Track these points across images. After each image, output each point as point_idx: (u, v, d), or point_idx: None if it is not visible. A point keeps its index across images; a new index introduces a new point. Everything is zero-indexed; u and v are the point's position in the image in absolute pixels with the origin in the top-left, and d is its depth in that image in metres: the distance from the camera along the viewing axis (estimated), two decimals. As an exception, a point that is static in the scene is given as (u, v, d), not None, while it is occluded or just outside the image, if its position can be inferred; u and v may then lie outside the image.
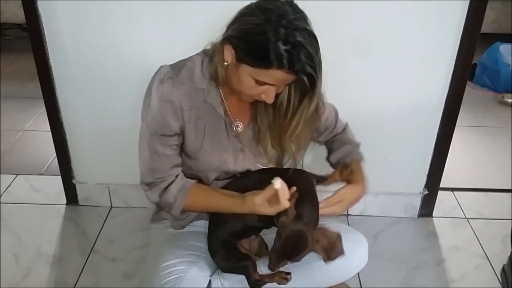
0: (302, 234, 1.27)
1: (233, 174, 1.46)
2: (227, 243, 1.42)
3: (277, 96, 1.29)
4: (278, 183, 1.23)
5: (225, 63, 1.25)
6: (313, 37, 1.17)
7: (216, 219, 1.45)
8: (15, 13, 4.14)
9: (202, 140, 1.38)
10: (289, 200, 1.26)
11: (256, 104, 1.39)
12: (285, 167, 1.50)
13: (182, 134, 1.37)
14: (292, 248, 1.28)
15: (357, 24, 1.79)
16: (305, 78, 1.18)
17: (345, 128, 1.65)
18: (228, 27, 1.22)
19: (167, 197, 1.38)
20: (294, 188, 1.31)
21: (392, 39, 1.83)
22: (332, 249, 1.32)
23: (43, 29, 1.85)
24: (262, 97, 1.27)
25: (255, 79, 1.21)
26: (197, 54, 1.38)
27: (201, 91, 1.34)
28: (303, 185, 1.37)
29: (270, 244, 1.53)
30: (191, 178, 1.44)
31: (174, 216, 1.46)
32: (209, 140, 1.39)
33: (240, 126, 1.43)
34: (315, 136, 1.54)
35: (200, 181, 1.45)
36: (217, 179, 1.46)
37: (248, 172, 1.46)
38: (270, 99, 1.27)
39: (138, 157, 1.41)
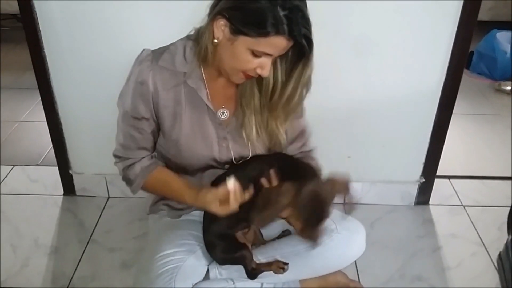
0: (316, 195, 1.23)
1: (220, 165, 1.43)
2: (225, 235, 1.42)
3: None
4: (231, 183, 1.21)
5: (215, 40, 1.22)
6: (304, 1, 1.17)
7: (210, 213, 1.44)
8: (10, 4, 4.10)
9: (181, 125, 1.36)
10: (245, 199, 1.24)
11: (241, 89, 1.37)
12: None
13: (153, 119, 1.37)
14: (314, 212, 1.24)
15: (354, 13, 1.78)
16: (304, 42, 1.18)
17: (312, 150, 1.56)
18: (216, 3, 1.20)
19: (130, 173, 1.42)
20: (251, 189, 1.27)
21: (388, 28, 1.82)
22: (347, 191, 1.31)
23: (37, 18, 1.84)
24: (257, 71, 1.25)
25: (253, 50, 1.19)
26: (180, 39, 1.37)
27: (181, 75, 1.33)
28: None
29: (264, 233, 1.54)
30: (176, 170, 1.44)
31: (132, 192, 1.47)
32: (190, 125, 1.37)
33: (226, 113, 1.41)
34: (285, 144, 1.47)
35: (186, 172, 1.44)
36: (204, 170, 1.44)
37: (250, 159, 1.43)
38: (266, 72, 1.25)
39: None
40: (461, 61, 1.89)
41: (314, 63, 1.26)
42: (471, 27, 1.81)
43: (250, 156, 1.43)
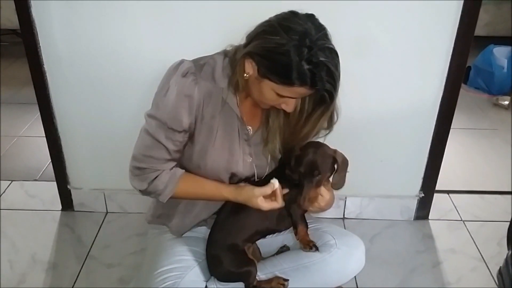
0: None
1: (238, 179, 1.46)
2: (235, 247, 1.42)
3: None
4: (276, 183, 1.35)
5: (246, 75, 1.26)
6: (334, 53, 1.20)
7: (226, 223, 1.45)
8: (10, 19, 4.13)
9: (215, 138, 1.38)
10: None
11: (268, 109, 1.41)
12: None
13: (190, 132, 1.37)
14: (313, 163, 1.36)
15: (352, 28, 1.79)
16: (325, 94, 1.22)
17: None
18: (249, 40, 1.24)
19: (158, 183, 1.38)
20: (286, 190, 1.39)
21: (386, 43, 1.83)
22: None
23: (37, 34, 1.85)
24: (282, 106, 1.30)
25: (277, 92, 1.23)
26: (217, 53, 1.38)
27: (220, 90, 1.35)
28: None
29: (262, 250, 1.55)
30: None
31: (161, 201, 1.44)
32: (221, 139, 1.39)
33: (250, 130, 1.44)
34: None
35: None
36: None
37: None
38: (290, 109, 1.30)
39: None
40: (458, 76, 1.90)
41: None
42: (468, 42, 1.82)
43: (267, 171, 1.48)
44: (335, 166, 1.41)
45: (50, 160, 2.21)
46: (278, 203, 1.36)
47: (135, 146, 1.39)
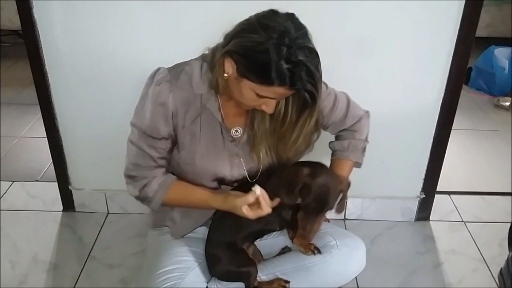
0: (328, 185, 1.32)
1: (230, 183, 1.46)
2: (233, 245, 1.42)
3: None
4: (258, 190, 1.28)
5: (226, 75, 1.24)
6: (314, 53, 1.18)
7: (222, 222, 1.45)
8: (11, 20, 4.14)
9: (198, 143, 1.38)
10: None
11: (253, 110, 1.39)
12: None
13: (171, 139, 1.37)
14: (324, 199, 1.32)
15: (352, 30, 1.79)
16: (306, 95, 1.20)
17: (356, 122, 1.58)
18: (228, 40, 1.22)
19: (148, 190, 1.39)
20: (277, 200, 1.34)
21: (387, 44, 1.83)
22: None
23: (39, 35, 1.85)
24: (262, 108, 1.28)
25: (256, 93, 1.22)
26: (195, 59, 1.37)
27: (198, 96, 1.34)
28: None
29: (263, 251, 1.55)
30: None
31: (153, 209, 1.45)
32: (205, 144, 1.39)
33: (239, 130, 1.43)
34: (320, 132, 1.51)
35: None
36: (214, 189, 1.45)
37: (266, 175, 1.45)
38: (270, 110, 1.28)
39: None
40: (459, 77, 1.90)
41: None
42: (469, 43, 1.82)
43: (260, 171, 1.46)
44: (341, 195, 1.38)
45: (51, 161, 2.21)
46: (264, 210, 1.29)
47: (126, 155, 1.41)
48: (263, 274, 1.45)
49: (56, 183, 2.25)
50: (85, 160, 2.16)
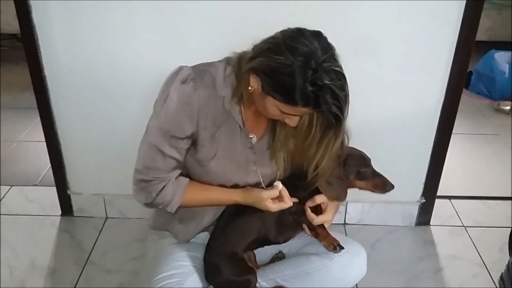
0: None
1: (242, 186, 1.45)
2: (234, 255, 1.41)
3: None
4: (280, 184, 1.38)
5: (250, 88, 1.24)
6: (340, 75, 1.18)
7: (225, 230, 1.44)
8: (10, 24, 4.14)
9: (217, 148, 1.36)
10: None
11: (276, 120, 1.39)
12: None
13: (192, 139, 1.35)
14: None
15: (352, 35, 1.79)
16: (331, 117, 1.20)
17: None
18: (254, 55, 1.21)
19: (165, 193, 1.35)
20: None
21: (386, 49, 1.83)
22: None
23: (38, 39, 1.85)
24: (285, 121, 1.29)
25: (280, 110, 1.22)
26: (219, 61, 1.37)
27: (221, 99, 1.33)
28: None
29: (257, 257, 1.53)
30: None
31: (170, 211, 1.41)
32: (223, 148, 1.37)
33: (254, 138, 1.42)
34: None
35: None
36: None
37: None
38: (293, 124, 1.29)
39: (137, 154, 1.37)
40: (460, 81, 1.90)
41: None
42: (469, 47, 1.82)
43: (276, 178, 1.45)
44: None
45: (50, 165, 2.21)
46: (286, 203, 1.37)
47: (138, 159, 1.36)
48: (263, 280, 1.45)
49: (55, 187, 2.25)
50: (84, 164, 2.15)
